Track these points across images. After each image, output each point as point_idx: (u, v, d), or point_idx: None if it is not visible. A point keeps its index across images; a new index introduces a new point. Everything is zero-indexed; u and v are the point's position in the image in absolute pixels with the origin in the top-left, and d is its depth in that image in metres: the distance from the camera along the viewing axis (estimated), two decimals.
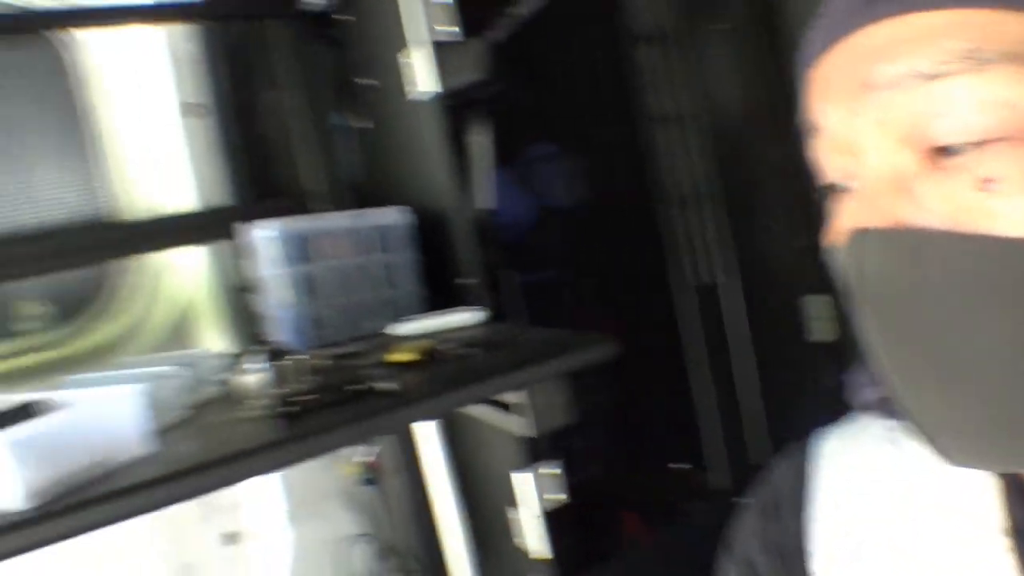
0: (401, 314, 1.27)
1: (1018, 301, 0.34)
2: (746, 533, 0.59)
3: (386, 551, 1.64)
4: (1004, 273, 0.34)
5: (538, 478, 1.26)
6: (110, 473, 0.76)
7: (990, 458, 0.39)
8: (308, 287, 1.23)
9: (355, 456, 1.58)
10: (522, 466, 1.25)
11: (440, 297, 1.32)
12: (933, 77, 0.36)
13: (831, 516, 0.52)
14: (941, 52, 0.36)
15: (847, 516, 0.51)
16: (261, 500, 1.63)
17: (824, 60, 0.42)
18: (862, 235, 0.39)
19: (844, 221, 0.43)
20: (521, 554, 1.37)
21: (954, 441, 0.39)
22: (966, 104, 0.35)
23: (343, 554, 1.67)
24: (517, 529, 1.33)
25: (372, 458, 1.57)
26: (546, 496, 1.28)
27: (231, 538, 1.63)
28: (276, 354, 0.99)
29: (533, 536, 1.31)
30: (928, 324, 0.37)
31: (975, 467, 0.41)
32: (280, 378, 0.90)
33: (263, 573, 1.64)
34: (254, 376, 0.89)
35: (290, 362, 0.92)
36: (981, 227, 0.35)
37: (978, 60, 0.35)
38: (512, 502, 1.31)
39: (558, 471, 1.28)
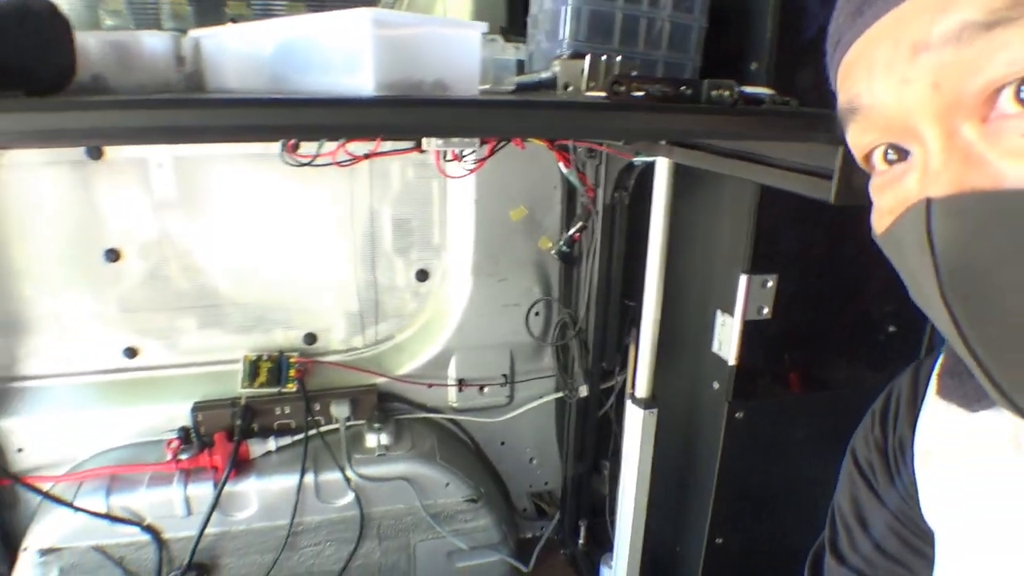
0: None
1: None
2: (866, 436, 0.64)
3: (565, 324, 1.73)
4: None
5: (752, 282, 1.28)
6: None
7: None
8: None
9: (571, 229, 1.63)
10: (746, 268, 1.26)
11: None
12: (991, 26, 0.34)
13: (932, 426, 0.55)
14: (997, 0, 0.33)
15: (945, 426, 0.53)
16: (460, 249, 1.74)
17: (864, 39, 0.40)
18: (933, 205, 0.38)
19: (894, 202, 0.42)
20: (706, 355, 1.42)
21: None
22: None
23: (520, 316, 1.78)
24: (716, 331, 1.37)
25: (575, 232, 1.62)
26: (755, 304, 1.30)
27: (423, 274, 1.78)
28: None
29: (728, 339, 1.34)
30: (1017, 284, 0.36)
31: None
32: (595, 73, 0.92)
33: (441, 311, 1.80)
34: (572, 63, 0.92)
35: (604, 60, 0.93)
36: None
37: None
38: (722, 303, 1.34)
39: (772, 284, 1.29)
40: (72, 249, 1.58)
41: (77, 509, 1.52)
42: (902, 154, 0.42)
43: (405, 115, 0.69)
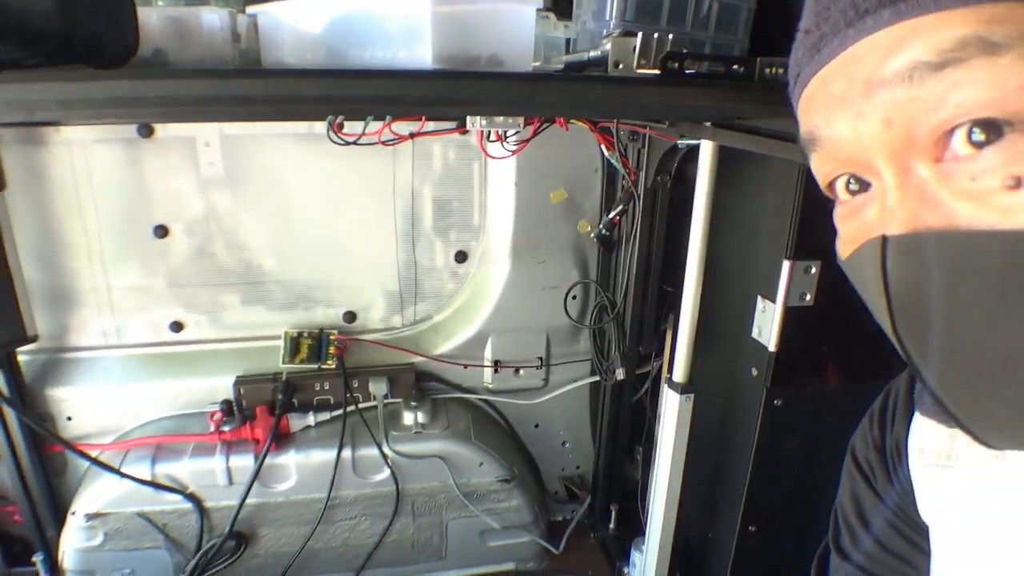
0: None
1: None
2: (864, 435, 0.65)
3: (603, 307, 1.73)
4: None
5: (795, 267, 1.27)
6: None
7: None
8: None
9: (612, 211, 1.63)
10: (790, 254, 1.26)
11: None
12: (940, 66, 0.35)
13: (925, 426, 0.56)
14: (946, 42, 0.34)
15: (936, 427, 0.54)
16: (499, 231, 1.75)
17: (821, 74, 0.41)
18: (888, 243, 0.39)
19: (855, 231, 0.43)
20: (745, 340, 1.42)
21: (994, 428, 0.40)
22: (975, 87, 0.34)
23: (557, 299, 1.79)
24: (756, 317, 1.37)
25: (616, 216, 1.62)
26: (797, 290, 1.29)
27: (461, 256, 1.80)
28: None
29: (768, 325, 1.34)
30: (964, 321, 0.37)
31: (1014, 448, 0.42)
32: (646, 50, 0.92)
33: (479, 292, 1.81)
34: (624, 40, 0.93)
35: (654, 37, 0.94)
36: (1013, 223, 0.34)
37: (989, 44, 0.33)
38: (763, 289, 1.33)
39: (815, 270, 1.28)
40: (122, 224, 1.62)
41: (123, 476, 1.57)
42: (863, 185, 0.43)
43: (469, 87, 0.70)
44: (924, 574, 0.59)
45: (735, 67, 0.86)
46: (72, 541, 1.62)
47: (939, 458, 0.54)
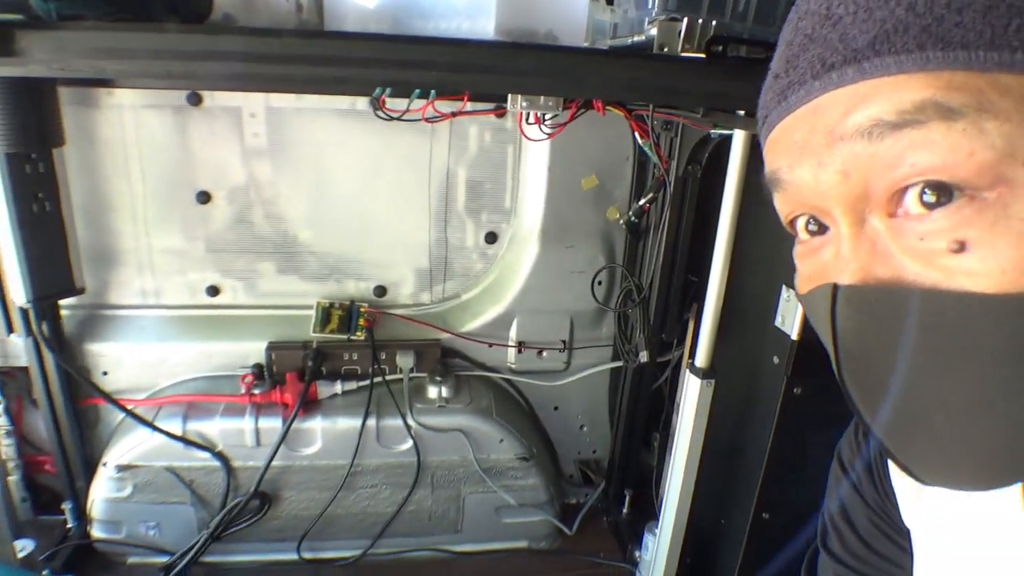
0: None
1: (995, 348, 0.36)
2: (850, 440, 0.67)
3: (630, 291, 1.77)
4: (983, 325, 0.36)
5: None
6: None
7: (958, 481, 0.42)
8: None
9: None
10: None
11: None
12: (899, 126, 0.36)
13: None
14: (906, 103, 0.35)
15: None
16: (530, 214, 1.80)
17: (786, 121, 0.43)
18: (839, 291, 0.41)
19: (812, 271, 0.45)
20: (767, 328, 1.45)
21: (928, 470, 0.42)
22: (930, 150, 0.35)
23: (583, 283, 1.83)
24: (779, 305, 1.40)
25: (645, 203, 1.65)
26: None
27: (492, 237, 1.84)
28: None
29: (791, 313, 1.37)
30: (903, 372, 0.39)
31: (946, 487, 0.44)
32: (691, 34, 0.97)
33: (507, 273, 1.85)
34: (670, 24, 0.97)
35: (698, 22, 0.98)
36: (955, 284, 0.36)
37: (945, 110, 0.34)
38: (788, 278, 1.36)
39: None
40: (167, 189, 1.68)
41: (156, 429, 1.63)
42: (821, 227, 0.45)
43: (537, 58, 0.74)
44: (910, 574, 0.62)
45: (773, 52, 0.90)
46: (101, 491, 1.68)
47: None
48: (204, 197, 1.69)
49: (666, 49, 1.00)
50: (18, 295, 1.43)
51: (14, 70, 0.96)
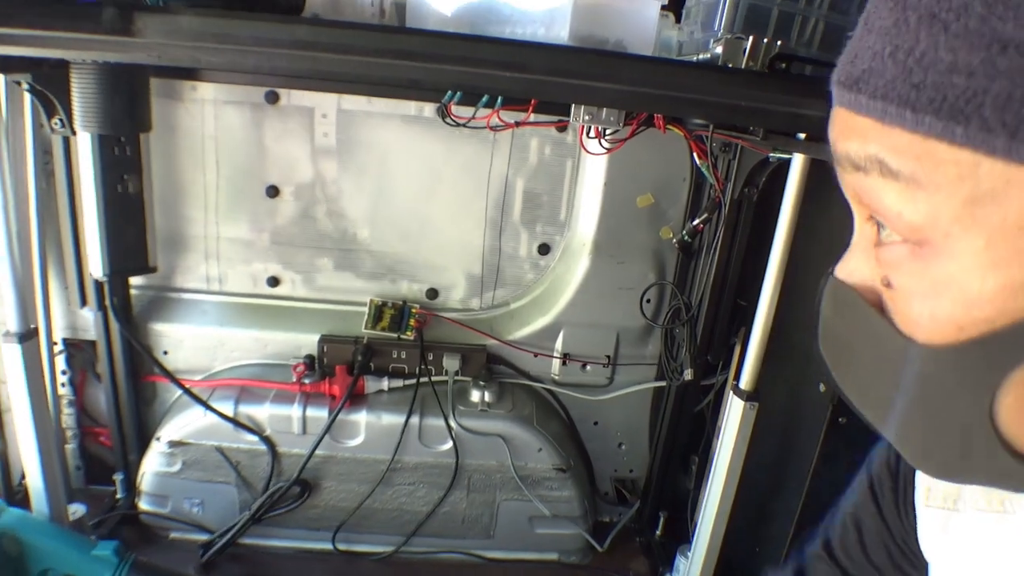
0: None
1: (909, 380, 0.39)
2: (883, 455, 0.68)
3: (679, 310, 1.78)
4: (899, 358, 0.39)
5: None
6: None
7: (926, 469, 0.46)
8: None
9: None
10: None
11: None
12: (858, 168, 0.38)
13: None
14: (863, 152, 0.37)
15: None
16: (584, 229, 1.83)
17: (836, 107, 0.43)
18: (828, 279, 0.46)
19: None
20: (815, 354, 1.44)
21: (916, 457, 0.44)
22: (871, 197, 0.38)
23: (632, 300, 1.85)
24: None
25: (699, 223, 1.67)
26: None
27: (544, 248, 1.88)
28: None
29: None
30: (860, 363, 0.45)
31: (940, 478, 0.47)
32: (755, 52, 0.99)
33: (557, 285, 1.88)
34: (735, 43, 0.99)
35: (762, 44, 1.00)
36: (887, 312, 0.41)
37: (887, 169, 0.36)
38: None
39: None
40: (239, 181, 1.76)
41: (210, 409, 1.69)
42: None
43: (604, 63, 0.78)
44: None
45: None
46: (152, 464, 1.74)
47: (946, 501, 0.56)
48: (273, 191, 1.77)
49: (730, 65, 1.02)
50: (96, 268, 1.51)
51: (121, 56, 1.04)
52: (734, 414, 1.51)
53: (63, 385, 1.83)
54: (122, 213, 1.49)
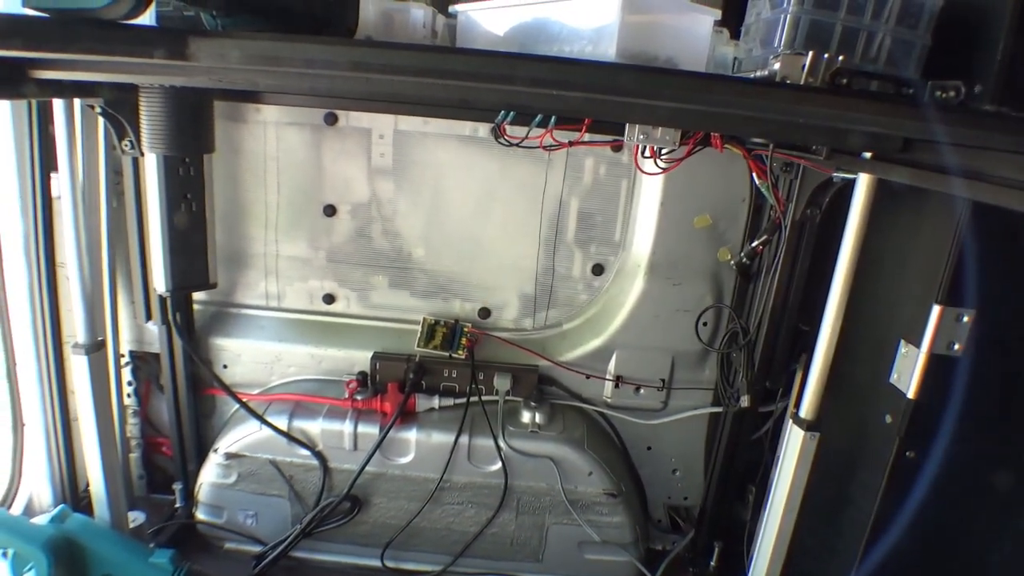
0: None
1: None
2: None
3: (736, 333, 1.73)
4: None
5: (944, 313, 1.23)
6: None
7: None
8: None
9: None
10: (941, 299, 1.22)
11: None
12: None
13: None
14: None
15: None
16: (639, 249, 1.80)
17: None
18: None
19: None
20: (881, 385, 1.37)
21: None
22: None
23: (688, 323, 1.80)
24: (896, 361, 1.33)
25: (759, 245, 1.62)
26: (945, 338, 1.25)
27: (598, 268, 1.86)
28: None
29: (909, 371, 1.29)
30: None
31: None
32: (815, 68, 0.96)
33: (610, 306, 1.85)
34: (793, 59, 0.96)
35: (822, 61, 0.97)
36: None
37: None
38: (907, 333, 1.30)
39: (968, 319, 1.24)
40: (298, 200, 1.80)
41: (265, 423, 1.72)
42: None
43: (652, 80, 0.76)
44: None
45: (904, 88, 0.88)
46: (209, 476, 1.78)
47: None
48: (330, 210, 1.81)
49: (788, 81, 0.99)
50: (160, 284, 1.56)
51: (181, 80, 1.07)
52: (793, 443, 1.45)
53: (128, 396, 1.90)
54: (185, 231, 1.54)
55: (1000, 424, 1.35)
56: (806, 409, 1.43)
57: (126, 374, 1.88)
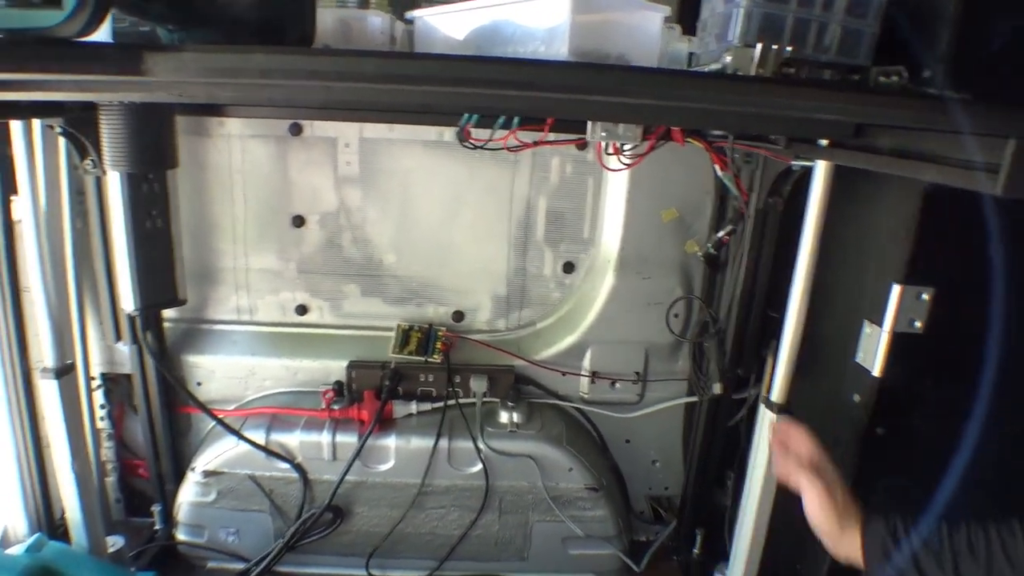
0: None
1: None
2: None
3: (706, 323, 1.76)
4: None
5: (905, 292, 1.26)
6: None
7: None
8: None
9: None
10: (900, 278, 1.25)
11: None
12: None
13: None
14: None
15: None
16: (608, 245, 1.82)
17: None
18: None
19: None
20: (847, 365, 1.41)
21: None
22: None
23: (659, 316, 1.82)
24: (861, 341, 1.36)
25: (724, 235, 1.65)
26: (906, 316, 1.28)
27: (569, 266, 1.87)
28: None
29: (873, 349, 1.33)
30: None
31: None
32: (764, 59, 0.98)
33: (583, 303, 1.87)
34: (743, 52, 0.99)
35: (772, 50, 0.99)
36: None
37: None
38: (870, 313, 1.33)
39: (927, 296, 1.27)
40: (265, 213, 1.79)
41: (242, 438, 1.71)
42: None
43: (602, 77, 0.78)
44: None
45: (851, 75, 0.90)
46: (188, 495, 1.77)
47: None
48: (299, 221, 1.80)
49: (739, 73, 1.01)
50: (128, 303, 1.55)
51: (140, 95, 1.07)
52: (766, 428, 1.47)
53: (101, 419, 1.87)
54: (151, 248, 1.53)
55: (958, 397, 1.39)
56: (777, 393, 1.45)
57: (98, 397, 1.85)
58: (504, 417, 1.78)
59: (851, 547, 1.13)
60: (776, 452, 1.26)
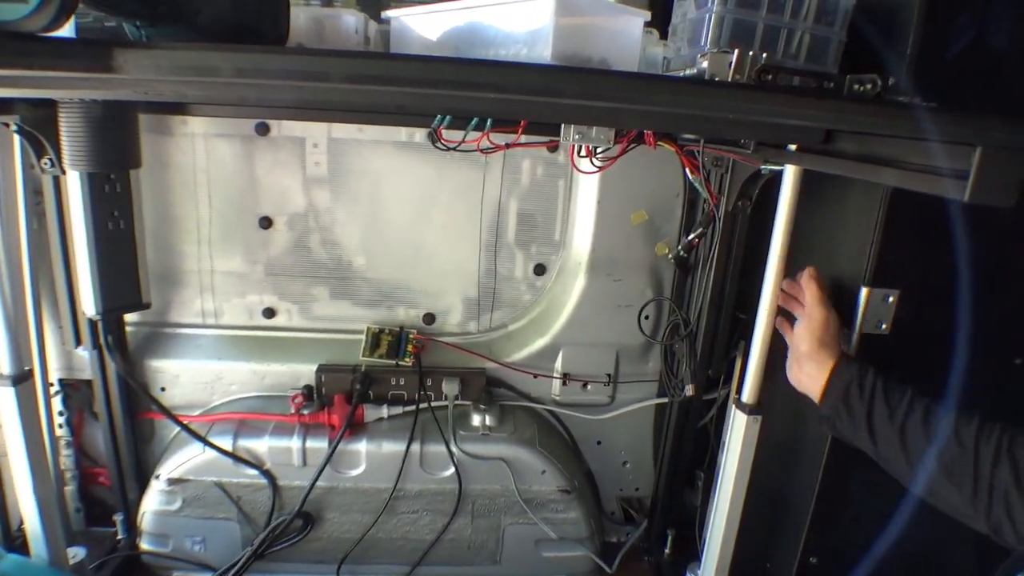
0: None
1: None
2: None
3: (677, 325, 1.77)
4: None
5: (872, 295, 1.29)
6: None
7: None
8: None
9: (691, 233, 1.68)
10: (868, 281, 1.28)
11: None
12: None
13: None
14: None
15: None
16: (579, 248, 1.82)
17: None
18: None
19: None
20: None
21: None
22: None
23: (630, 318, 1.83)
24: None
25: (694, 238, 1.66)
26: (874, 318, 1.31)
27: (540, 268, 1.87)
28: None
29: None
30: None
31: None
32: (741, 65, 0.99)
33: (554, 305, 1.87)
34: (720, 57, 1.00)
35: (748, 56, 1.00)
36: None
37: None
38: (839, 316, 1.35)
39: (893, 299, 1.30)
40: (231, 214, 1.76)
41: (208, 444, 1.67)
42: None
43: (592, 81, 0.78)
44: None
45: (825, 82, 0.92)
46: (152, 503, 1.72)
47: None
48: (266, 222, 1.77)
49: (717, 79, 1.02)
50: (88, 307, 1.50)
51: (105, 93, 1.03)
52: (737, 428, 1.49)
53: (60, 426, 1.82)
54: (113, 250, 1.48)
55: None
56: (747, 394, 1.47)
57: (56, 403, 1.79)
58: (476, 420, 1.77)
59: (815, 376, 1.23)
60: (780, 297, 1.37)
